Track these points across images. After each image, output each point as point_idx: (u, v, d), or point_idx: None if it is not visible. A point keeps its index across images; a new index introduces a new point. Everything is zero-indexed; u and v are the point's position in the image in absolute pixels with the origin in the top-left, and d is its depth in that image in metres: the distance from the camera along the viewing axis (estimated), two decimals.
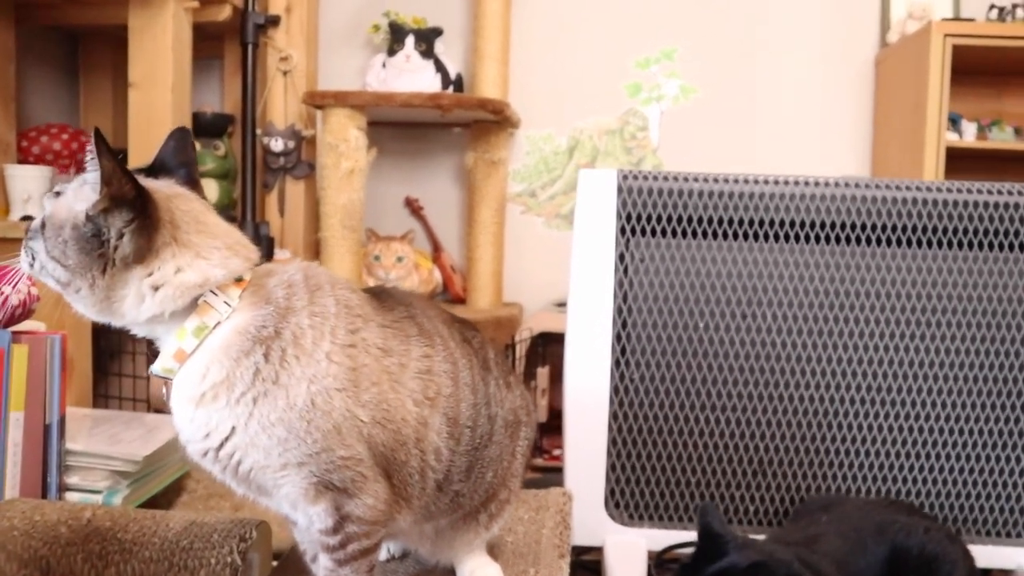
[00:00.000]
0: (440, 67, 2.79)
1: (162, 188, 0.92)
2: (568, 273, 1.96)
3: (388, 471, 0.93)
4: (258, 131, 2.76)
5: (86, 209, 0.86)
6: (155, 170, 0.96)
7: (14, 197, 2.33)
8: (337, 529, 0.92)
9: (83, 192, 0.87)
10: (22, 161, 2.56)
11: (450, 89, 2.79)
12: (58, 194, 0.90)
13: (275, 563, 1.28)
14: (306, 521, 0.94)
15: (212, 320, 0.88)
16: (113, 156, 0.84)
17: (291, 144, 2.74)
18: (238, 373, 0.87)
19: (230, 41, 2.96)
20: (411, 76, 2.75)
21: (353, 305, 0.94)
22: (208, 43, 2.81)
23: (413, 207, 3.11)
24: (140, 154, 2.44)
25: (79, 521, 1.22)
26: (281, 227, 2.82)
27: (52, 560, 1.18)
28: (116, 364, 2.20)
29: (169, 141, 0.98)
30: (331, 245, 2.59)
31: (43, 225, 0.88)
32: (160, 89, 2.39)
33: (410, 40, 2.73)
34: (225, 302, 0.89)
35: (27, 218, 2.28)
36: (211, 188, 2.83)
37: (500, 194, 2.90)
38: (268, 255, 2.66)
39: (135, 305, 0.88)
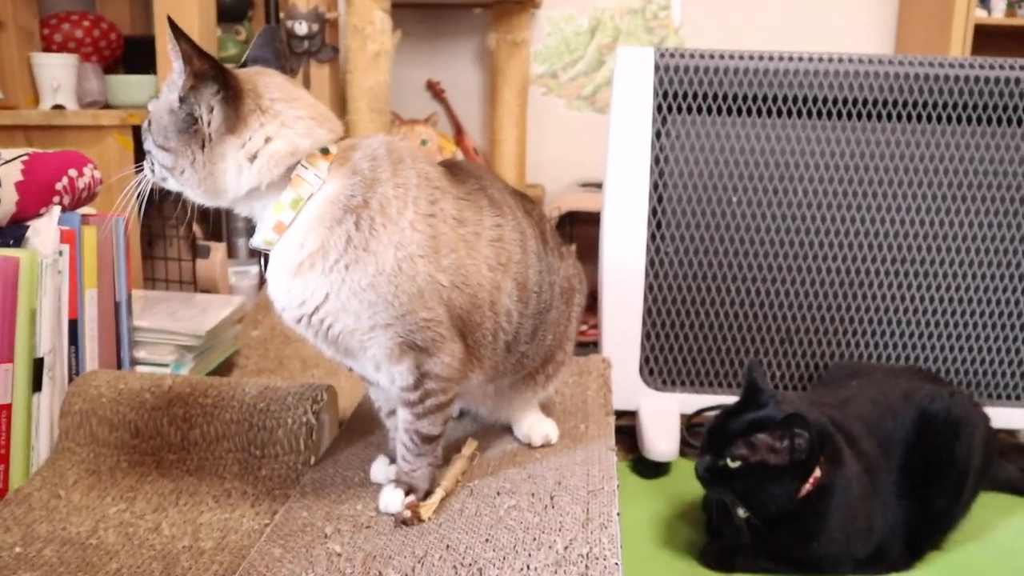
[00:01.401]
0: None
1: (248, 70, 0.98)
2: (591, 153, 1.97)
3: (464, 332, 1.01)
4: (281, 14, 2.74)
5: (178, 93, 0.92)
6: (248, 63, 1.03)
7: (43, 86, 2.33)
8: (417, 385, 1.01)
9: (174, 84, 0.94)
10: (45, 49, 2.55)
11: None
12: (156, 96, 0.98)
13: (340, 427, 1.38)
14: (388, 380, 1.03)
15: (306, 192, 0.94)
16: (189, 39, 0.90)
17: (315, 27, 2.72)
18: (331, 241, 0.93)
19: None
20: None
21: (432, 177, 1.00)
22: None
23: (435, 90, 3.11)
24: (166, 42, 2.43)
25: (161, 388, 1.32)
26: None
27: (140, 423, 1.28)
28: (160, 248, 2.27)
29: (258, 39, 1.05)
30: (359, 128, 2.61)
31: (148, 122, 0.96)
32: None
33: None
34: (315, 175, 0.95)
35: (58, 107, 2.30)
36: None
37: (522, 75, 2.89)
38: None
39: (235, 177, 0.94)
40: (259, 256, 1.01)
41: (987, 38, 2.60)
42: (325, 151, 0.97)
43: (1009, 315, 1.70)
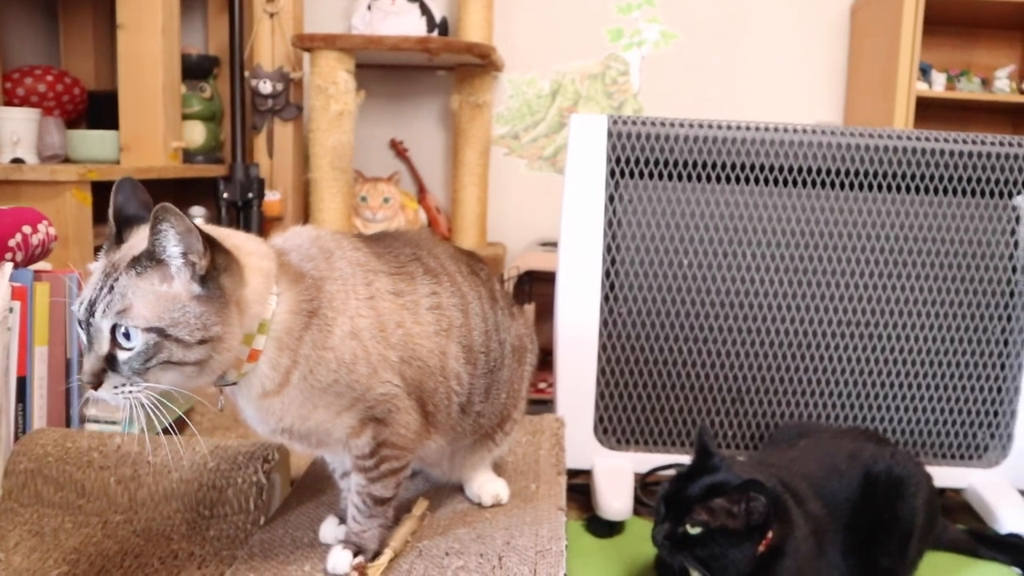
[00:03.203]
0: (425, 10, 2.81)
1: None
2: (551, 213, 1.99)
3: (422, 399, 1.04)
4: (246, 73, 2.78)
5: (197, 273, 0.85)
6: (122, 224, 0.92)
7: (3, 140, 2.34)
8: (373, 454, 1.02)
9: (158, 273, 0.85)
10: (7, 103, 2.56)
11: (435, 32, 2.82)
12: (123, 310, 0.84)
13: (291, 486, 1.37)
14: (346, 451, 1.04)
15: (268, 313, 0.92)
16: (193, 223, 0.85)
17: (279, 86, 2.77)
18: (301, 352, 0.94)
19: None
20: (396, 19, 2.78)
21: (362, 262, 1.01)
22: None
23: (398, 149, 3.16)
24: (131, 98, 2.46)
25: (109, 447, 1.30)
26: (270, 168, 2.86)
27: (86, 483, 1.27)
28: None
29: (120, 196, 0.93)
30: (321, 186, 2.64)
31: (162, 333, 0.84)
32: (149, 31, 2.40)
33: None
34: (270, 292, 0.93)
35: (17, 160, 2.29)
36: (197, 130, 2.85)
37: (484, 136, 2.95)
38: (259, 196, 2.70)
39: (239, 332, 0.90)
40: (219, 388, 0.99)
41: (928, 110, 2.72)
42: None
43: (952, 376, 1.75)
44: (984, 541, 1.62)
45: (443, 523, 1.19)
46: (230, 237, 0.94)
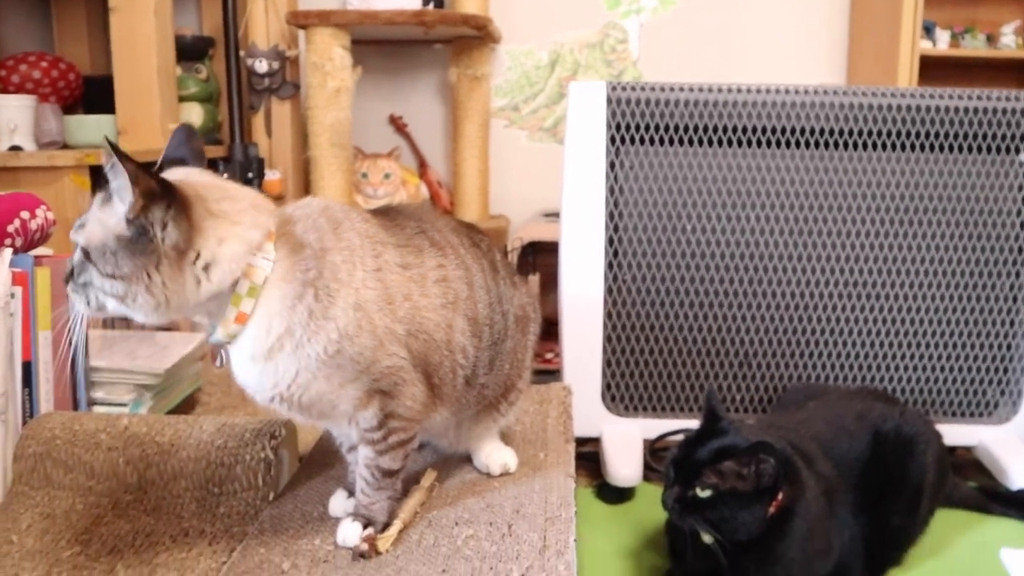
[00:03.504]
0: None
1: (176, 173, 0.96)
2: (553, 184, 1.98)
3: (428, 372, 1.04)
4: (241, 53, 2.76)
5: (124, 214, 0.88)
6: (165, 164, 0.99)
7: (0, 127, 2.33)
8: (381, 426, 1.02)
9: (110, 207, 0.90)
10: (2, 91, 2.55)
11: (430, 5, 2.79)
12: (81, 226, 0.92)
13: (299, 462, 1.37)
14: (354, 425, 1.04)
15: (259, 278, 0.93)
16: (130, 157, 0.87)
17: (275, 65, 2.75)
18: (296, 319, 0.94)
19: None
20: None
21: (371, 234, 1.01)
22: None
23: (397, 124, 3.14)
24: (127, 81, 2.44)
25: (117, 428, 1.31)
26: (269, 148, 2.85)
27: (95, 465, 1.27)
28: None
29: (172, 139, 1.01)
30: (321, 164, 2.63)
31: (86, 255, 0.91)
32: (142, 13, 2.38)
33: None
34: (264, 258, 0.94)
35: (15, 147, 2.29)
36: (195, 112, 2.84)
37: (484, 109, 2.93)
38: (259, 176, 2.69)
39: (195, 289, 0.92)
40: (220, 349, 1.00)
41: (932, 68, 2.68)
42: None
43: (961, 334, 1.74)
44: (995, 498, 1.62)
45: (452, 493, 1.19)
46: (226, 201, 0.94)
